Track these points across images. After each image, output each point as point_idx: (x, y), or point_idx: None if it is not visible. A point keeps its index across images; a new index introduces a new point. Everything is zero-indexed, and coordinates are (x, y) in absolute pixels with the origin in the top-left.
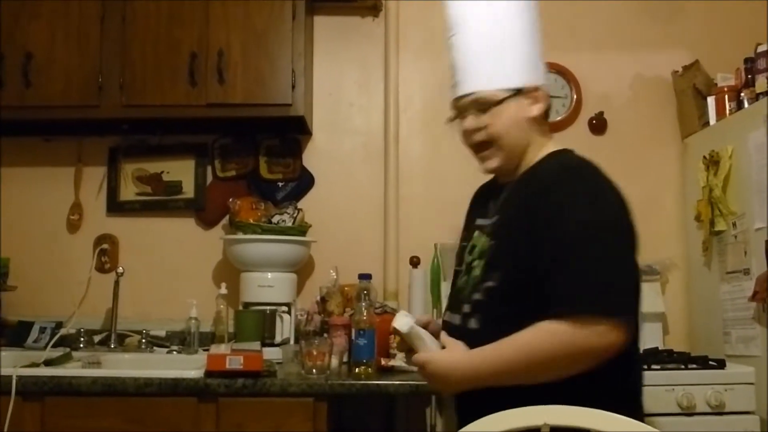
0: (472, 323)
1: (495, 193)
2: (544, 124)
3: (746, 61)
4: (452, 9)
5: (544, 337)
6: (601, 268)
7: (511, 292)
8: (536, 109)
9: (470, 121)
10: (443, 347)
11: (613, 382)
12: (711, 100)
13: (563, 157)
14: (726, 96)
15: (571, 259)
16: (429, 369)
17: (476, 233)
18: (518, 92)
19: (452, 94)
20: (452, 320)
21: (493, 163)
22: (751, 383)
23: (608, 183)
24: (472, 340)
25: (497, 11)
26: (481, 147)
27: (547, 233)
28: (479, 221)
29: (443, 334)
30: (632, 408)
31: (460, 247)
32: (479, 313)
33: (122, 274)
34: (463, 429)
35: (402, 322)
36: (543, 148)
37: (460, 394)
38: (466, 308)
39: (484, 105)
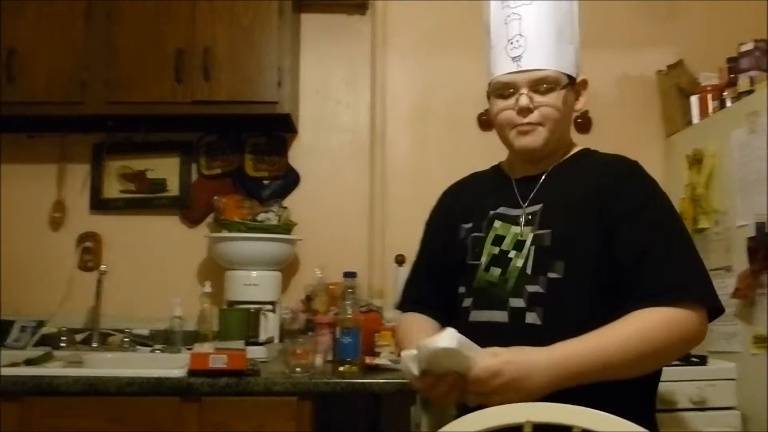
0: (531, 318)
1: (519, 183)
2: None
3: (729, 60)
4: None
5: (658, 324)
6: (694, 258)
7: (579, 283)
8: (581, 103)
9: (525, 99)
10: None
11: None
12: (694, 99)
13: (611, 154)
14: (709, 95)
15: (667, 248)
16: (508, 374)
17: (497, 223)
18: (573, 82)
19: (507, 68)
20: (493, 318)
21: (537, 140)
22: (733, 379)
23: None
24: (532, 336)
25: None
26: (526, 126)
27: (631, 223)
28: (502, 210)
29: (477, 349)
30: (651, 400)
31: (471, 239)
32: (540, 306)
33: (105, 272)
34: (446, 426)
35: (447, 336)
36: (573, 143)
37: None
38: (517, 303)
39: (550, 84)
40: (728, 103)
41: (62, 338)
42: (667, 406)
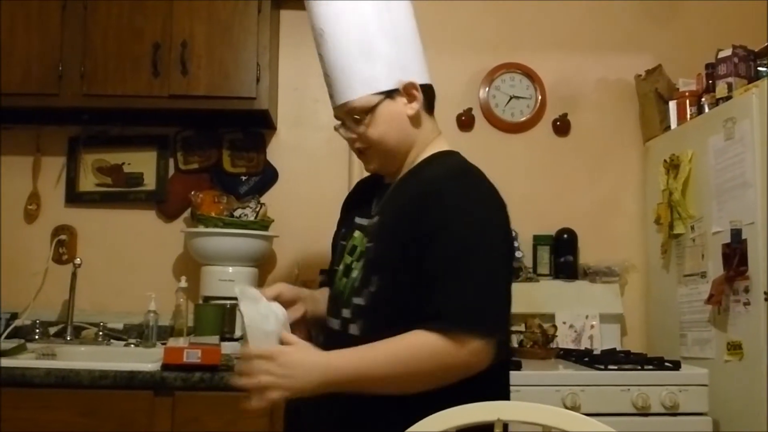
0: (353, 329)
1: (379, 191)
2: (428, 119)
3: (707, 66)
4: (314, 18)
5: (423, 350)
6: (482, 287)
7: (392, 299)
8: (411, 108)
9: (345, 131)
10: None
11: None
12: (672, 105)
13: (449, 160)
14: (687, 101)
15: (454, 275)
16: (281, 360)
17: (356, 233)
18: (392, 93)
19: (330, 105)
20: (332, 325)
21: (372, 165)
22: (705, 385)
23: (492, 191)
24: (353, 346)
25: (360, 11)
26: (361, 151)
27: (431, 243)
28: (358, 220)
29: (287, 335)
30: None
31: (339, 246)
32: (361, 318)
33: (80, 265)
34: (413, 427)
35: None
36: (429, 146)
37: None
38: (346, 313)
39: (358, 113)
40: (706, 109)
41: (36, 330)
42: (640, 410)
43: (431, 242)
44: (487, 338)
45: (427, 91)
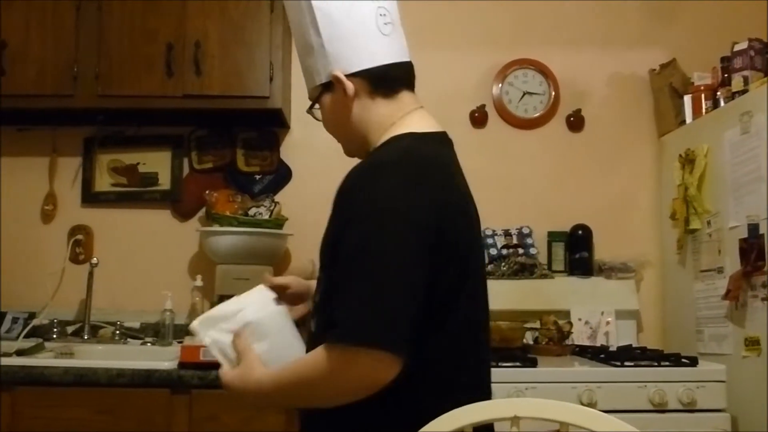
0: (312, 325)
1: None
2: (383, 103)
3: (723, 60)
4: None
5: (310, 366)
6: (372, 295)
7: (329, 296)
8: (348, 99)
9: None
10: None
11: (392, 410)
12: (687, 99)
13: (389, 147)
14: (702, 95)
15: (346, 282)
16: (224, 387)
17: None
18: (329, 85)
19: None
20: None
21: (343, 150)
22: (723, 381)
23: (413, 184)
24: (313, 343)
25: (296, 8)
26: None
27: (333, 247)
28: None
29: (245, 347)
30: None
31: None
32: (317, 315)
33: (96, 265)
34: (427, 426)
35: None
36: (390, 129)
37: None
38: (313, 310)
39: (312, 105)
40: (721, 103)
41: (53, 330)
42: (657, 407)
43: (334, 243)
44: (379, 351)
45: (375, 73)
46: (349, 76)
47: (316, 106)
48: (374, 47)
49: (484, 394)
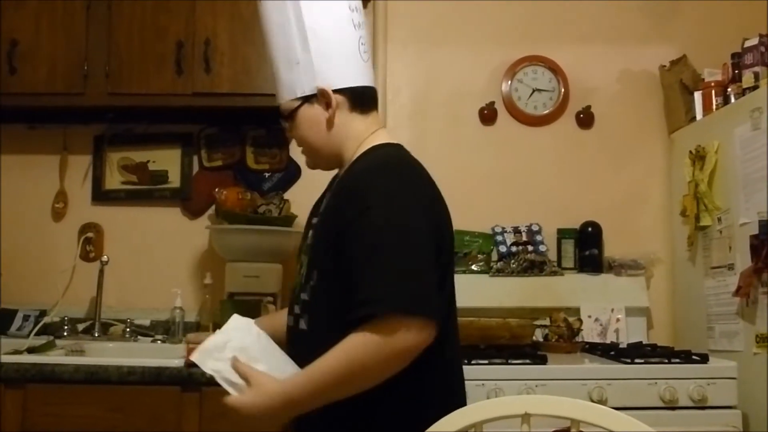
0: (302, 324)
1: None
2: (359, 118)
3: (733, 56)
4: (261, 19)
5: (354, 350)
6: (401, 269)
7: (327, 292)
8: (331, 112)
9: (286, 130)
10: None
11: (421, 379)
12: (698, 95)
13: (378, 153)
14: (713, 91)
15: (372, 262)
16: (243, 414)
17: (310, 232)
18: (310, 98)
19: None
20: (289, 322)
21: (308, 162)
22: (734, 378)
23: (416, 180)
24: (303, 341)
25: (281, 19)
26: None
27: (350, 235)
28: (314, 220)
29: (248, 369)
30: (446, 403)
31: (303, 246)
32: (307, 313)
33: (107, 262)
34: (434, 426)
35: (205, 358)
36: (366, 141)
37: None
38: (297, 309)
39: (286, 116)
40: (732, 99)
41: (64, 327)
42: (668, 404)
43: (350, 233)
44: (413, 316)
45: (354, 91)
46: (333, 91)
47: (292, 117)
48: (357, 69)
49: (462, 372)
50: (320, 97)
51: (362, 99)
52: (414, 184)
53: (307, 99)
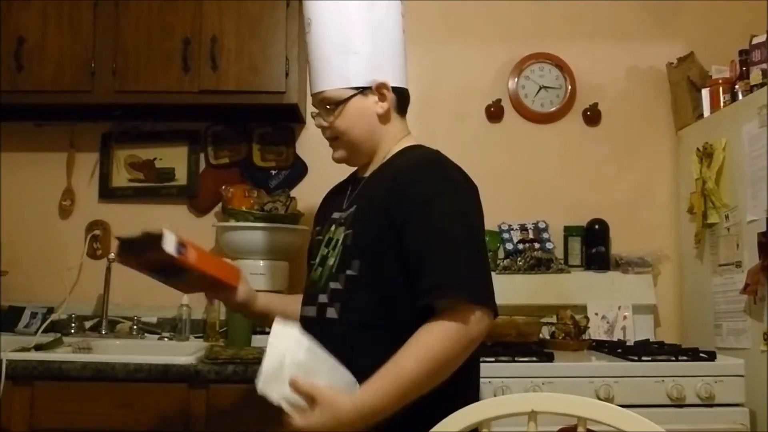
0: (331, 313)
1: (354, 185)
2: (398, 119)
3: (741, 53)
4: (307, 5)
5: (437, 342)
6: (470, 259)
7: (371, 281)
8: (381, 107)
9: (319, 119)
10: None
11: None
12: (705, 92)
13: (418, 150)
14: (720, 88)
15: (442, 250)
16: (324, 407)
17: (333, 227)
18: (364, 90)
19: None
20: (308, 313)
21: (338, 154)
22: (741, 375)
23: (461, 174)
24: (331, 329)
25: (344, 9)
26: (330, 140)
27: (412, 225)
28: (335, 215)
29: (311, 387)
30: (470, 392)
31: (315, 242)
32: (338, 302)
33: (114, 260)
34: (438, 426)
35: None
36: (399, 142)
37: None
38: (323, 298)
39: (330, 104)
40: (740, 96)
41: (71, 325)
42: (675, 401)
43: (412, 223)
44: (482, 305)
45: (401, 93)
46: None
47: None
48: (405, 72)
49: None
50: (376, 90)
51: (404, 102)
52: (464, 180)
53: (361, 90)
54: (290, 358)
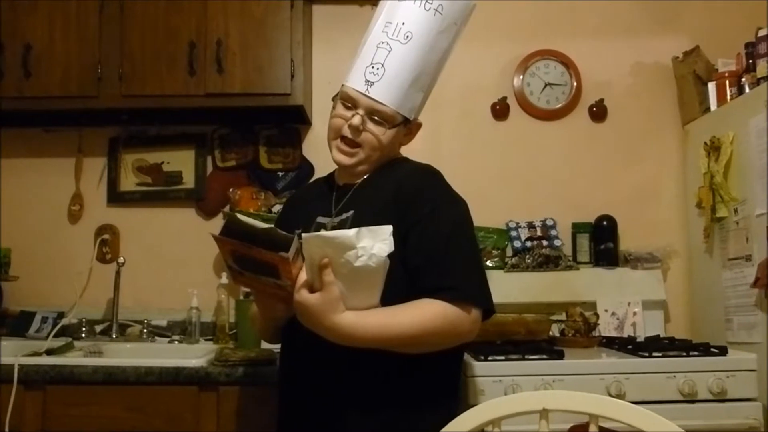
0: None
1: (338, 192)
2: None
3: (747, 46)
4: (401, 13)
5: (436, 314)
6: (471, 263)
7: None
8: (408, 140)
9: (358, 118)
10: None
11: (446, 363)
12: (712, 86)
13: (411, 162)
14: (727, 81)
15: (449, 253)
16: (308, 313)
17: (321, 230)
18: (407, 122)
19: (359, 85)
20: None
21: (351, 160)
22: (753, 370)
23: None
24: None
25: (438, 46)
26: (349, 142)
27: (420, 229)
28: (322, 219)
29: (332, 279)
30: (451, 391)
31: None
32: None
33: (123, 264)
34: (451, 424)
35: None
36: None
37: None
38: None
39: (383, 119)
40: (746, 89)
41: (82, 329)
42: (687, 397)
43: (421, 227)
44: (481, 310)
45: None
46: None
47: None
48: None
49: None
50: (413, 127)
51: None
52: (458, 194)
53: (405, 120)
54: (360, 257)
